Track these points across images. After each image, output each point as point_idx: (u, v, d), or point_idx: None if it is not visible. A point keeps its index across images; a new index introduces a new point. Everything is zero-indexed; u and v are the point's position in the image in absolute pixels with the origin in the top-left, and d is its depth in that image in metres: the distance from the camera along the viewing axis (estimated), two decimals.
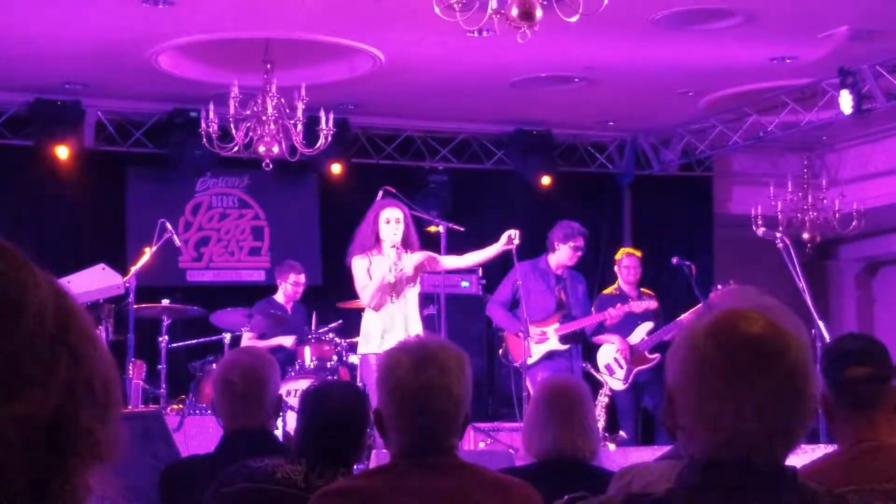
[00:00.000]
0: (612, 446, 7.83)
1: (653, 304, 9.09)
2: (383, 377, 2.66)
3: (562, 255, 8.90)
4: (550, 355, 8.75)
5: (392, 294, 7.26)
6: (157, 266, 8.85)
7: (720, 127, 10.82)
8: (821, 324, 7.77)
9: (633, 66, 9.13)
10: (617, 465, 4.11)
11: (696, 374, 1.74)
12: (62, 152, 9.72)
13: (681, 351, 1.77)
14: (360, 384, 7.65)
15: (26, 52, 8.61)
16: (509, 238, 7.46)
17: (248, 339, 8.64)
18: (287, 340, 8.82)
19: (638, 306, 9.06)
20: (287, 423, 7.16)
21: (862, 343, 2.99)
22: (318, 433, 3.24)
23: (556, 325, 8.84)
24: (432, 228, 8.57)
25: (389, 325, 7.10)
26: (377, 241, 7.29)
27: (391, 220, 7.29)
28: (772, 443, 1.72)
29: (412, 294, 7.38)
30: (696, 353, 1.74)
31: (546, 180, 11.17)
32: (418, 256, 7.39)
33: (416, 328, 7.16)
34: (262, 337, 8.87)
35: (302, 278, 9.39)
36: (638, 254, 9.56)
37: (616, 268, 9.52)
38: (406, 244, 7.33)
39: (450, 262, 7.69)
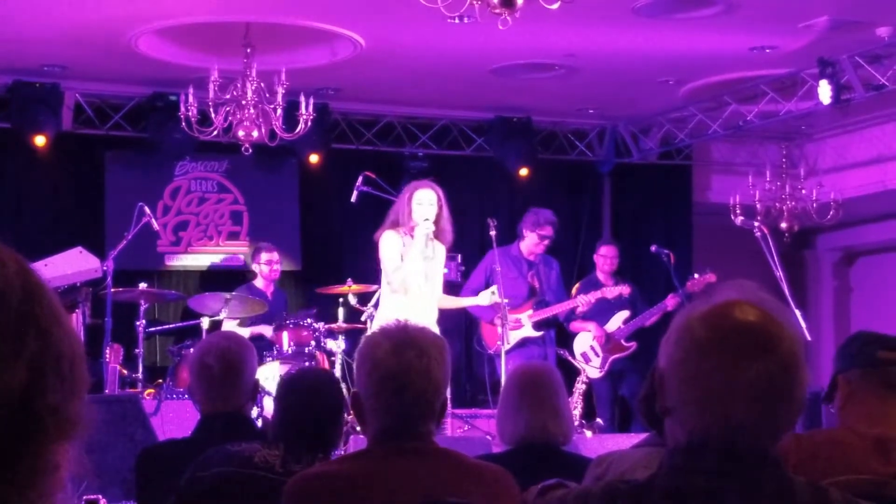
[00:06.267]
0: (588, 433, 7.86)
1: (626, 290, 9.12)
2: (363, 359, 2.66)
3: (529, 242, 8.95)
4: (523, 342, 8.76)
5: (419, 281, 7.13)
6: (134, 250, 8.82)
7: (700, 116, 10.83)
8: (798, 313, 7.79)
9: (613, 54, 9.13)
10: (593, 453, 4.12)
11: (688, 356, 1.75)
12: (40, 135, 9.64)
13: (674, 335, 1.78)
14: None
15: (4, 33, 8.54)
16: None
17: (227, 327, 8.61)
18: (267, 330, 8.80)
19: (611, 292, 9.09)
20: (263, 408, 7.14)
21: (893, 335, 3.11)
22: (295, 419, 3.25)
23: (530, 312, 8.87)
24: None
25: (410, 312, 6.86)
26: (410, 221, 7.06)
27: (424, 203, 7.07)
28: (758, 429, 1.73)
29: (438, 284, 7.28)
30: (690, 336, 1.75)
31: (526, 168, 11.14)
32: (440, 278, 7.38)
33: (431, 318, 7.02)
34: (241, 324, 8.84)
35: (274, 256, 9.35)
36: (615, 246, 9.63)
37: (595, 257, 9.56)
38: (437, 232, 7.11)
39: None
